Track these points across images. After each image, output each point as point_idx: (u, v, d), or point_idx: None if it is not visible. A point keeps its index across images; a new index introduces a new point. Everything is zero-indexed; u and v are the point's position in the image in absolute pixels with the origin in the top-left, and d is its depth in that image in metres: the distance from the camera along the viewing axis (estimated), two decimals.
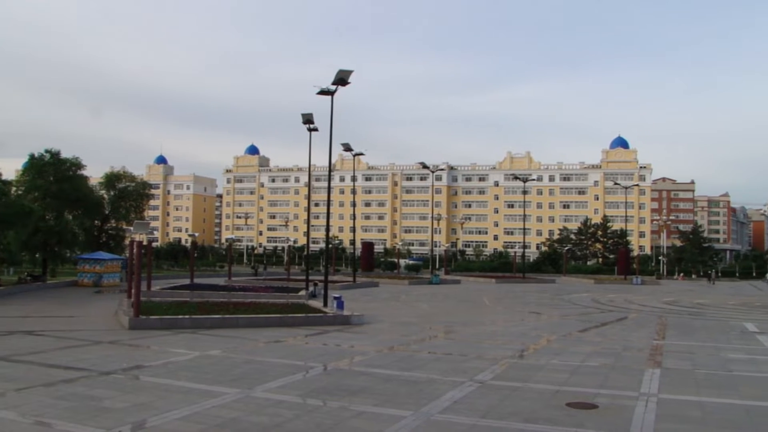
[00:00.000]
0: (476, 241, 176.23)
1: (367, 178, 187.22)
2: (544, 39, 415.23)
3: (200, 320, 29.04)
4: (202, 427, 12.37)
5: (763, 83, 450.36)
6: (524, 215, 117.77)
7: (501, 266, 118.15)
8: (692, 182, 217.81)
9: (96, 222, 69.88)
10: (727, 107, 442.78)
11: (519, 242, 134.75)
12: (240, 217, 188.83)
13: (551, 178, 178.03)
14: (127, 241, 61.32)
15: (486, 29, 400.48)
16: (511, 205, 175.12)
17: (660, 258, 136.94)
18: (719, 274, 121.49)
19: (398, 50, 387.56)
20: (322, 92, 37.11)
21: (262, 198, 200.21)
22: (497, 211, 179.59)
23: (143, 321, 28.01)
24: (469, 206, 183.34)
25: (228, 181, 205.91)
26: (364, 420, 13.36)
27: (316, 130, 45.08)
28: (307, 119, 43.81)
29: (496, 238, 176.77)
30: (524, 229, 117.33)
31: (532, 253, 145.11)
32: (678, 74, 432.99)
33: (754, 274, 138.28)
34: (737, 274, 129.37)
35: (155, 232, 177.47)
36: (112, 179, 73.15)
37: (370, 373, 18.68)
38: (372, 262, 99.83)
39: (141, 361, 20.01)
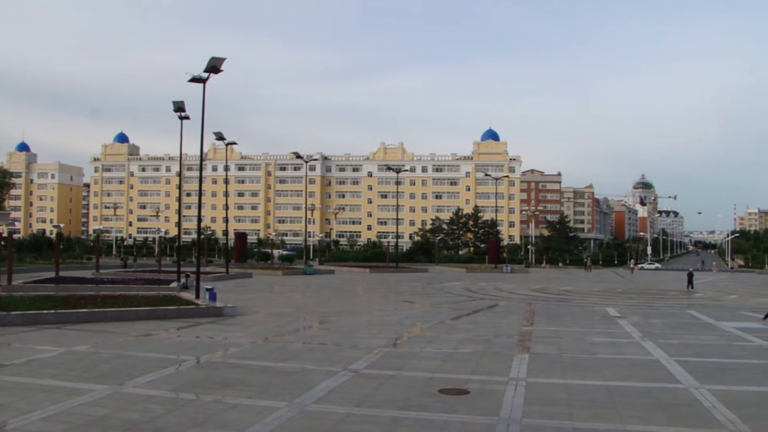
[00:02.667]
0: (350, 231, 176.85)
1: (240, 168, 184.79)
2: (419, 31, 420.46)
3: (66, 315, 27.90)
4: (67, 427, 11.90)
5: (623, 80, 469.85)
6: (397, 205, 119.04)
7: (375, 256, 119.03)
8: (559, 174, 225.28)
9: None
10: (593, 103, 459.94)
11: (392, 232, 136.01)
12: (108, 207, 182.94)
13: (424, 169, 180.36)
14: None
15: (360, 20, 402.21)
16: (384, 196, 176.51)
17: (529, 247, 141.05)
18: (589, 262, 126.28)
19: (274, 40, 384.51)
20: (194, 80, 36.25)
21: (131, 188, 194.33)
22: (371, 202, 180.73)
23: (3, 317, 26.61)
24: (343, 196, 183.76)
25: (96, 170, 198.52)
26: (239, 412, 13.21)
27: (187, 118, 44.03)
28: (179, 107, 42.73)
29: (369, 228, 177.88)
30: (397, 219, 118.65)
31: (406, 243, 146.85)
32: (547, 70, 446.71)
33: (615, 262, 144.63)
34: (600, 262, 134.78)
35: (16, 223, 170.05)
36: None
37: (244, 365, 18.48)
38: (245, 253, 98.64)
39: (0, 360, 19.04)
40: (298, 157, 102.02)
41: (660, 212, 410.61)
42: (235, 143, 66.36)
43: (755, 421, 13.20)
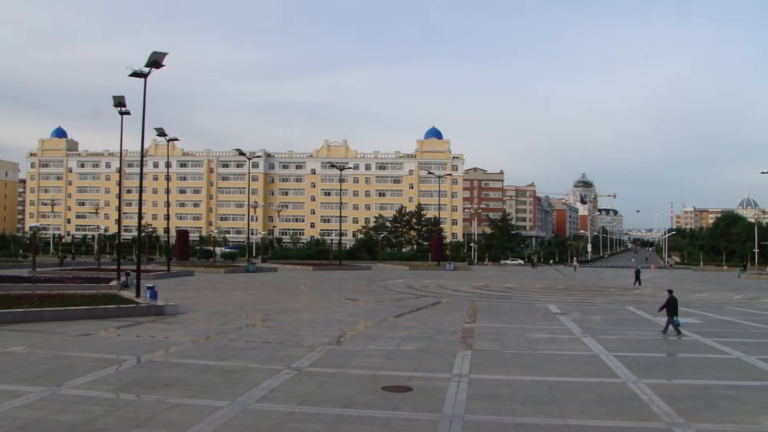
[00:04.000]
0: (293, 229, 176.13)
1: (182, 165, 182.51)
2: (363, 30, 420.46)
3: (1, 315, 27.24)
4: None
5: (565, 80, 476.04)
6: (340, 203, 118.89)
7: (318, 254, 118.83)
8: (501, 172, 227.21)
9: None
10: (535, 102, 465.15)
11: (336, 230, 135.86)
12: (46, 204, 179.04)
13: (368, 167, 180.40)
14: None
15: (304, 17, 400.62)
16: (327, 193, 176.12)
17: (471, 244, 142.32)
18: (536, 259, 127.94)
19: (217, 35, 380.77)
20: (135, 74, 35.71)
21: (70, 184, 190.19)
22: (314, 199, 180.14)
23: None
24: (286, 194, 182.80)
25: (32, 166, 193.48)
26: (180, 412, 13.07)
27: (128, 113, 43.37)
28: (119, 102, 42.07)
29: (313, 225, 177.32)
30: (340, 216, 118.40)
31: (349, 241, 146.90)
32: (490, 69, 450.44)
33: (556, 259, 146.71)
34: (541, 260, 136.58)
35: None
36: None
37: (186, 364, 18.28)
38: (187, 251, 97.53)
39: None
40: (241, 153, 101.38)
41: (600, 210, 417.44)
42: (176, 139, 65.60)
43: (690, 413, 13.54)
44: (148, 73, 35.54)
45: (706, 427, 12.66)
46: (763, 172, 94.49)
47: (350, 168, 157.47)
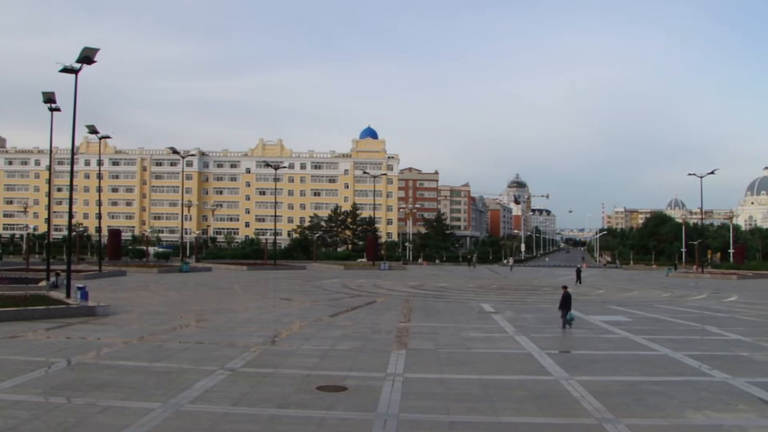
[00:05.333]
0: (228, 228, 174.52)
1: (115, 163, 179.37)
2: (299, 28, 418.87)
3: None
4: None
5: (499, 81, 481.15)
6: (275, 202, 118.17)
7: (253, 253, 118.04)
8: (436, 172, 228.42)
9: None
10: (470, 103, 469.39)
11: (270, 229, 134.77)
12: None
13: (303, 166, 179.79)
14: None
15: (239, 15, 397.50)
16: (263, 192, 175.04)
17: (406, 244, 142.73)
18: (474, 259, 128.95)
19: (150, 32, 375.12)
20: (66, 70, 34.93)
21: None
22: (249, 198, 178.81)
23: None
24: (221, 193, 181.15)
25: None
26: (111, 415, 12.85)
27: (58, 110, 42.39)
28: (48, 98, 41.10)
29: (247, 225, 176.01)
30: (275, 216, 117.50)
31: (284, 240, 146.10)
32: (426, 70, 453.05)
33: (491, 258, 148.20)
34: (477, 259, 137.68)
35: None
36: None
37: (118, 366, 17.98)
38: (119, 251, 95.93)
39: None
40: (175, 152, 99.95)
41: (533, 210, 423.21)
42: (109, 137, 64.46)
43: (620, 409, 13.89)
44: (80, 69, 34.79)
45: (635, 422, 12.96)
46: (690, 174, 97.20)
47: (285, 167, 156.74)
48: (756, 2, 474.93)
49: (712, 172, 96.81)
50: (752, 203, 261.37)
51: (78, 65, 34.57)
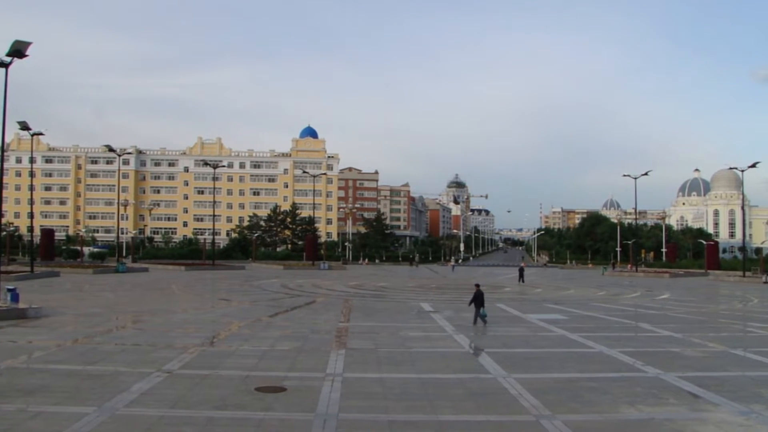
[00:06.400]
0: (165, 228, 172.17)
1: (48, 161, 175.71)
2: (238, 25, 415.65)
3: None
4: None
5: (438, 82, 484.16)
6: (214, 201, 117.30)
7: (191, 253, 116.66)
8: (376, 172, 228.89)
9: None
10: (410, 103, 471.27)
11: (209, 229, 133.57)
12: None
13: (242, 165, 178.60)
14: None
15: (176, 11, 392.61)
16: (201, 192, 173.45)
17: (346, 244, 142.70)
18: (416, 258, 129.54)
19: (84, 27, 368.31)
20: None
21: None
22: (187, 198, 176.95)
23: None
24: (159, 192, 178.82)
25: None
26: (43, 421, 12.52)
27: None
28: None
29: (186, 224, 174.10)
30: (214, 215, 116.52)
31: (223, 240, 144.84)
32: (367, 70, 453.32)
33: (430, 258, 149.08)
34: (416, 258, 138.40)
35: None
36: None
37: (50, 370, 17.55)
38: (53, 251, 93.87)
39: None
40: (111, 150, 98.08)
41: (473, 210, 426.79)
42: (41, 134, 63.06)
43: (556, 405, 14.08)
44: (10, 62, 33.90)
45: (571, 417, 13.15)
46: (625, 175, 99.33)
47: (224, 166, 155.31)
48: (691, 11, 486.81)
49: (646, 174, 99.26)
50: (684, 204, 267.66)
51: (8, 59, 33.68)
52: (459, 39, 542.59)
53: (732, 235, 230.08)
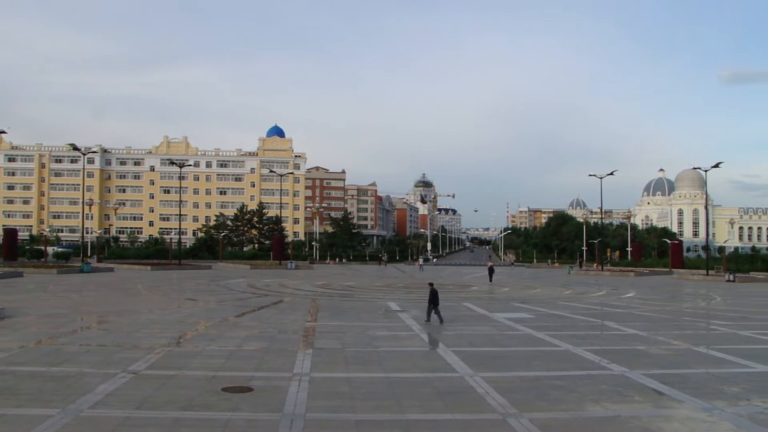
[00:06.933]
0: (131, 228, 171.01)
1: (11, 159, 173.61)
2: (204, 24, 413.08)
3: None
4: None
5: (406, 82, 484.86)
6: (180, 201, 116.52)
7: (157, 253, 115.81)
8: (343, 172, 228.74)
9: None
10: (378, 103, 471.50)
11: (175, 228, 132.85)
12: None
13: (208, 164, 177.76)
14: None
15: (141, 9, 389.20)
16: (167, 191, 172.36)
17: (313, 243, 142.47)
18: (385, 258, 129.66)
19: (47, 23, 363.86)
20: None
21: None
22: (153, 197, 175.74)
23: None
24: (124, 191, 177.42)
25: None
26: (5, 423, 12.37)
27: None
28: None
29: (151, 224, 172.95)
30: (180, 215, 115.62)
31: (189, 240, 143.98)
32: (333, 70, 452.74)
33: (397, 258, 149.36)
34: (384, 258, 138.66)
35: None
36: None
37: (12, 371, 17.31)
38: (16, 251, 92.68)
39: None
40: (76, 149, 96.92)
41: (440, 210, 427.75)
42: (4, 132, 62.24)
43: (523, 403, 14.20)
44: None
45: (537, 416, 13.25)
46: (591, 175, 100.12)
47: (191, 165, 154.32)
48: (660, 14, 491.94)
49: (611, 174, 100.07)
50: (648, 203, 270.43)
51: None
52: (428, 38, 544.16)
53: (696, 234, 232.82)
